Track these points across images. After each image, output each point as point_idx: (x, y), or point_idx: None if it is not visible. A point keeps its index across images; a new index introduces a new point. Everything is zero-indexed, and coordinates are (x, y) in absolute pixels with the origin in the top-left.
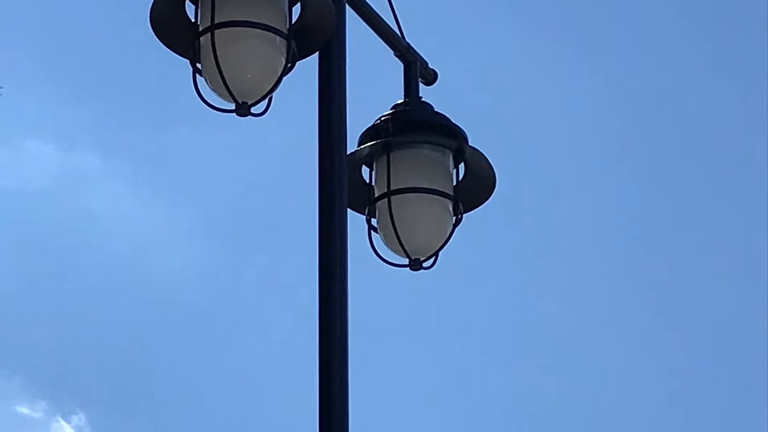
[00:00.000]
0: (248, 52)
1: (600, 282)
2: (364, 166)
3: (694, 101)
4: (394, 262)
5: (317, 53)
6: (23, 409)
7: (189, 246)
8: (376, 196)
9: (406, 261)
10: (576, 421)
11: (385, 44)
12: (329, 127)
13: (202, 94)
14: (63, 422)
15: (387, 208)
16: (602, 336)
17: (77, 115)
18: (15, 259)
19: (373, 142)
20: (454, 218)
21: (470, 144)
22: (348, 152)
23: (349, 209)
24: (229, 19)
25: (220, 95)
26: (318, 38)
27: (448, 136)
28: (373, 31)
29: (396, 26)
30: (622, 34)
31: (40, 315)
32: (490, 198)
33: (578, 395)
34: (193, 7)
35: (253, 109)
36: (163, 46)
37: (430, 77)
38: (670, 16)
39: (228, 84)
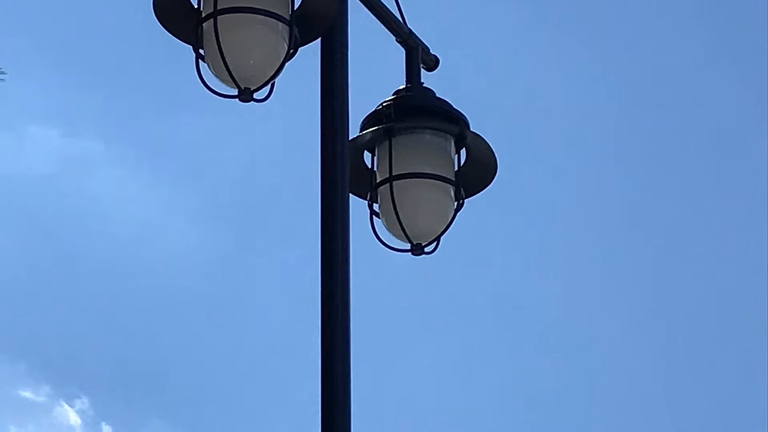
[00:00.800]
0: (251, 38)
1: (600, 266)
2: (366, 152)
3: (693, 87)
4: (396, 246)
5: (319, 39)
6: (27, 393)
7: (192, 231)
8: (378, 181)
9: (408, 246)
10: (576, 404)
11: (386, 30)
12: (331, 112)
13: (205, 79)
14: (66, 406)
15: (389, 194)
16: (602, 319)
17: (81, 101)
18: (18, 245)
19: (375, 127)
20: (456, 203)
21: (472, 129)
22: (350, 138)
23: (351, 194)
24: (232, 5)
25: (223, 81)
26: (320, 24)
27: (449, 121)
28: (374, 17)
29: (398, 12)
30: (623, 21)
31: (43, 300)
32: (492, 183)
33: (578, 379)
34: None
35: (255, 95)
36: (166, 32)
37: (432, 63)
38: (670, 2)
39: (231, 70)
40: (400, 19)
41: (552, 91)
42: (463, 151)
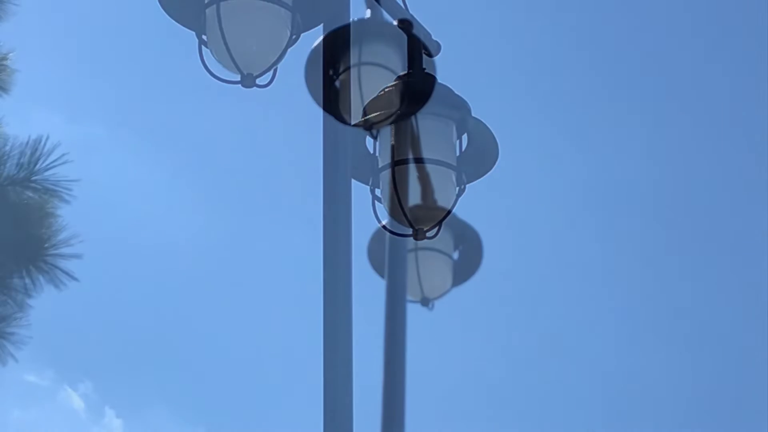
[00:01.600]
0: (253, 24)
1: (601, 252)
2: (368, 137)
3: (695, 74)
4: (398, 232)
5: (321, 25)
6: (30, 378)
7: (194, 215)
8: (380, 166)
9: (410, 231)
10: (576, 393)
11: (388, 16)
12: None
13: (208, 65)
14: (70, 390)
15: (391, 179)
16: (603, 308)
17: (84, 86)
18: None
19: (377, 112)
20: (457, 188)
21: (473, 115)
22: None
23: (353, 180)
24: None
25: (226, 66)
26: (322, 10)
27: (451, 107)
28: (376, 3)
29: None
30: (624, 11)
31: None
32: (493, 168)
33: (578, 368)
34: None
35: (258, 81)
36: (170, 18)
37: (434, 49)
38: None
39: (233, 55)
40: (401, 4)
41: (554, 78)
42: (464, 137)
